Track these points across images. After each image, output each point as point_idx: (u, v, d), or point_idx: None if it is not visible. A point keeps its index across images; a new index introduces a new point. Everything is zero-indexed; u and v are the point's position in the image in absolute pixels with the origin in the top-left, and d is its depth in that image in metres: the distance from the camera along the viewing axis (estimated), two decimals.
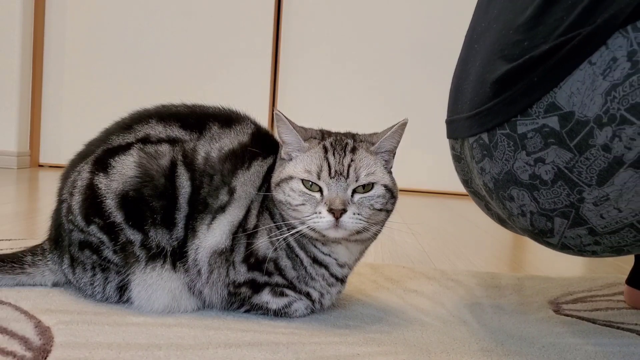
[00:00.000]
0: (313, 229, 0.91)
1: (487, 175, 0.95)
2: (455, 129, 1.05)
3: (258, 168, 0.96)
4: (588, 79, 0.79)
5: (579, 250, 0.93)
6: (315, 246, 0.96)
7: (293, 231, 0.92)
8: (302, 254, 0.96)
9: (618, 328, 1.05)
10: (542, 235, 0.94)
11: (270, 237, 0.94)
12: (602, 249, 0.90)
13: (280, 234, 0.93)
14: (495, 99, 0.90)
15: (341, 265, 0.99)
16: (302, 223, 0.91)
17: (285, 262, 0.96)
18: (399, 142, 0.98)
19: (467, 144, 1.01)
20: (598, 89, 0.79)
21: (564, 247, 0.94)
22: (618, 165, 0.79)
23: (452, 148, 1.12)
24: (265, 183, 0.97)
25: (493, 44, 0.96)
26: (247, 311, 0.98)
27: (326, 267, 0.98)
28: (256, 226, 0.95)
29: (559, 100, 0.82)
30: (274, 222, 0.94)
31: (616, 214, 0.83)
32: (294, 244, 0.96)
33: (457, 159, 1.11)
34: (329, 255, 0.97)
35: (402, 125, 0.96)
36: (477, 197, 1.12)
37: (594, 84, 0.79)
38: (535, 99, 0.84)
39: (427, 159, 3.47)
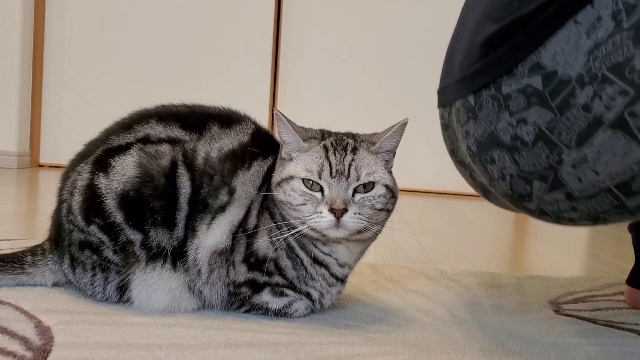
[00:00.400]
0: (314, 229, 0.91)
1: (471, 138, 0.96)
2: (445, 95, 1.07)
3: (258, 168, 0.96)
4: (572, 38, 0.80)
5: (557, 216, 0.93)
6: (315, 246, 0.96)
7: (293, 231, 0.92)
8: (302, 254, 0.96)
9: (618, 328, 1.05)
10: (521, 200, 0.95)
11: (270, 237, 0.94)
12: (579, 215, 0.91)
13: (281, 234, 0.93)
14: (482, 60, 0.91)
15: (341, 265, 0.99)
16: (303, 223, 0.91)
17: (285, 262, 0.96)
18: (399, 141, 0.98)
19: (454, 109, 1.02)
20: (581, 47, 0.79)
21: (542, 213, 0.94)
22: (597, 126, 0.80)
23: (441, 117, 1.14)
24: (266, 183, 0.96)
25: (484, 9, 0.97)
26: (247, 311, 0.98)
27: (326, 267, 0.98)
28: (256, 226, 0.95)
29: (543, 60, 0.83)
30: (274, 222, 0.94)
31: (593, 177, 0.84)
32: (294, 243, 0.96)
33: (445, 127, 1.13)
34: (330, 255, 0.97)
35: (403, 125, 0.96)
36: (462, 166, 1.13)
37: (577, 43, 0.80)
38: (521, 59, 0.85)
39: (427, 158, 3.47)
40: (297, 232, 0.92)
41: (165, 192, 0.92)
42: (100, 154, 0.96)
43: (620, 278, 1.42)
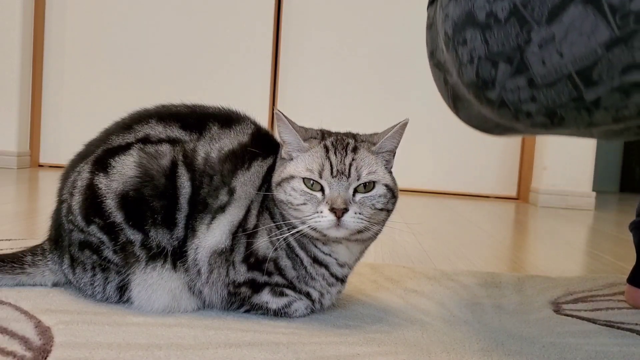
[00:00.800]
0: (314, 229, 0.91)
1: (449, 22, 0.98)
2: None
3: (258, 168, 0.96)
4: None
5: (516, 109, 0.94)
6: (315, 246, 0.96)
7: (293, 231, 0.92)
8: (302, 254, 0.96)
9: (618, 328, 1.05)
10: (484, 88, 0.95)
11: (270, 237, 0.94)
12: (538, 108, 0.91)
13: (281, 234, 0.93)
14: None
15: (341, 265, 0.99)
16: (303, 222, 0.91)
17: (285, 262, 0.96)
18: (399, 142, 0.98)
19: (439, 1, 1.03)
20: None
21: (502, 105, 0.95)
22: (569, 0, 0.81)
23: (428, 17, 1.15)
24: (265, 183, 0.97)
25: None
26: (247, 311, 0.98)
27: (326, 267, 0.98)
28: (256, 226, 0.95)
29: None
30: (274, 222, 0.94)
31: (557, 60, 0.85)
32: (294, 243, 0.96)
33: (429, 26, 1.14)
34: (330, 255, 0.97)
35: (403, 126, 0.96)
36: (438, 68, 1.14)
37: None
38: None
39: (427, 158, 3.47)
40: (298, 231, 0.92)
41: (166, 192, 0.92)
42: (100, 154, 0.96)
43: (620, 278, 1.42)
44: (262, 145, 0.98)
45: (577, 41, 0.82)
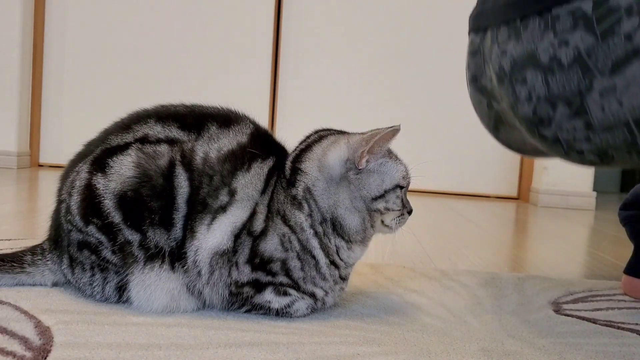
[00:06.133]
0: (389, 227, 1.01)
1: (507, 58, 1.00)
2: (486, 18, 1.10)
3: (258, 170, 0.96)
4: None
5: (569, 147, 0.97)
6: (339, 249, 0.99)
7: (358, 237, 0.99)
8: (320, 256, 0.97)
9: (618, 328, 1.05)
10: (539, 125, 0.99)
11: (282, 240, 0.94)
12: (590, 148, 0.95)
13: (300, 237, 0.95)
14: None
15: (350, 265, 1.02)
16: (388, 227, 1.01)
17: (294, 263, 0.95)
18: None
19: (490, 33, 1.06)
20: None
21: (555, 142, 0.98)
22: (634, 56, 0.84)
23: (471, 43, 1.17)
24: (270, 186, 0.96)
25: None
26: (247, 311, 0.98)
27: (338, 268, 1.00)
28: (265, 229, 0.94)
29: None
30: (289, 225, 0.95)
31: (617, 109, 0.88)
32: (315, 245, 0.96)
33: (474, 53, 1.15)
34: (348, 257, 1.00)
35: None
36: (481, 93, 1.16)
37: None
38: None
39: (427, 159, 3.47)
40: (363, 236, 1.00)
41: (163, 193, 0.92)
42: (99, 154, 0.96)
43: (620, 278, 1.42)
44: (261, 146, 0.98)
45: (637, 93, 0.86)
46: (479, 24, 1.12)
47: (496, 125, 1.18)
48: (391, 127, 0.96)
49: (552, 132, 0.97)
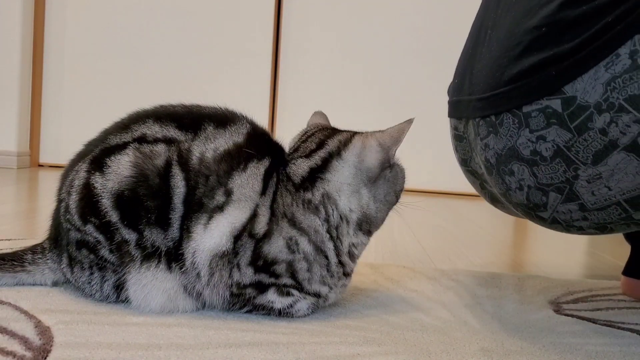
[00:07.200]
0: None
1: (491, 151, 1.02)
2: (464, 109, 1.12)
3: (254, 170, 0.94)
4: (592, 70, 0.87)
5: (567, 225, 1.00)
6: (359, 245, 1.01)
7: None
8: (332, 255, 0.97)
9: (619, 328, 1.05)
10: (535, 210, 1.01)
11: (289, 243, 0.94)
12: (589, 224, 0.98)
13: (324, 238, 0.96)
14: (510, 85, 0.97)
15: (356, 260, 1.04)
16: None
17: (301, 265, 0.95)
18: None
19: (472, 123, 1.08)
20: (600, 79, 0.86)
21: (554, 222, 1.01)
22: (612, 148, 0.87)
23: (455, 128, 1.19)
24: (270, 187, 0.95)
25: (510, 31, 1.01)
26: (249, 312, 0.98)
27: (344, 266, 1.00)
28: (268, 231, 0.93)
29: (564, 87, 0.89)
30: (296, 228, 0.94)
31: (606, 192, 0.91)
32: (330, 247, 0.96)
33: (459, 138, 1.17)
34: (360, 252, 1.03)
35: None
36: (473, 176, 1.19)
37: (596, 74, 0.86)
38: (550, 92, 0.91)
39: (427, 158, 3.47)
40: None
41: (159, 192, 0.91)
42: (98, 153, 0.96)
43: (620, 278, 1.42)
44: (258, 146, 0.96)
45: (623, 179, 0.88)
46: (459, 113, 1.14)
47: (493, 202, 1.21)
48: (409, 120, 0.99)
49: (548, 214, 0.99)
